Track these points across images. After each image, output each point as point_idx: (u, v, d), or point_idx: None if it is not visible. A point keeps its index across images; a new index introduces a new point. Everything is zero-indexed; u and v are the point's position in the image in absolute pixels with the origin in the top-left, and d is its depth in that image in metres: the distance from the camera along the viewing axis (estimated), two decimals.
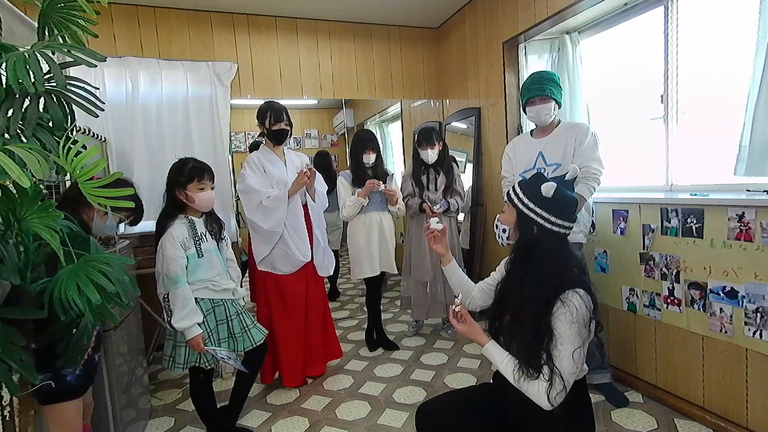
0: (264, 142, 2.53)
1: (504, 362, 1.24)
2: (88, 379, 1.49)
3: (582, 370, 1.26)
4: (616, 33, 2.53)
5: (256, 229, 2.39)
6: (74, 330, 1.11)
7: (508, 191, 1.35)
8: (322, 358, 2.64)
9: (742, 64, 1.81)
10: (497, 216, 1.42)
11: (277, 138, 2.46)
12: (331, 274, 2.71)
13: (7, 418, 1.09)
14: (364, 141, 2.84)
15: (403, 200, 2.96)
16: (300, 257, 2.41)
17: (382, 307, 3.18)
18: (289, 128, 2.49)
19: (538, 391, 1.16)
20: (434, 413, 1.40)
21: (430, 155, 2.87)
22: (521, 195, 1.30)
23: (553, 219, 1.25)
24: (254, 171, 2.41)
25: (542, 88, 2.12)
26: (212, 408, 2.00)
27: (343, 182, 2.86)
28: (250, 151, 2.65)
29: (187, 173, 1.82)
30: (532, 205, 1.26)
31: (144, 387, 2.26)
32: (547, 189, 1.24)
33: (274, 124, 2.43)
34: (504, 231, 1.37)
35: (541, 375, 1.17)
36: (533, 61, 2.97)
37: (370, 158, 2.81)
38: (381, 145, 5.87)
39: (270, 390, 2.52)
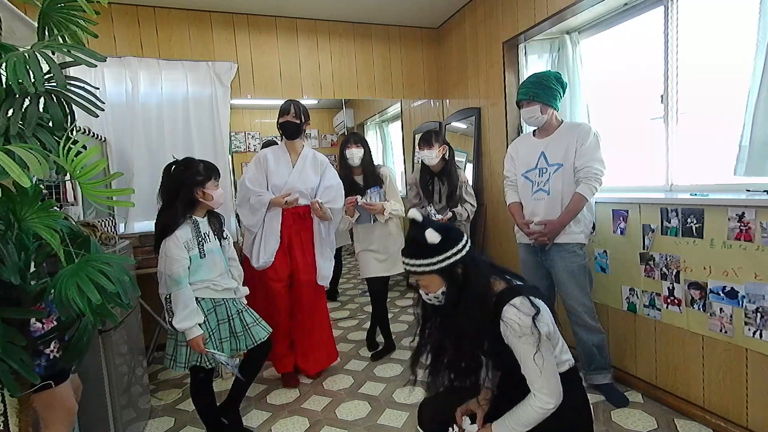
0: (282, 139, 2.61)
1: (522, 420, 1.20)
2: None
3: (563, 361, 1.26)
4: (616, 33, 2.53)
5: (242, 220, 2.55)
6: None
7: (410, 271, 1.25)
8: (315, 357, 2.64)
9: (742, 64, 1.81)
10: (420, 294, 1.30)
11: (284, 131, 2.50)
12: (325, 284, 2.68)
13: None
14: (347, 137, 2.79)
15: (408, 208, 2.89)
16: (253, 261, 2.46)
17: None
18: (297, 121, 2.48)
19: (533, 408, 1.17)
20: (435, 407, 1.43)
21: (427, 156, 2.73)
22: (427, 260, 1.20)
23: (461, 245, 1.22)
24: (256, 167, 2.51)
25: (526, 92, 2.14)
26: (212, 407, 2.00)
27: None
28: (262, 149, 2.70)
29: (204, 172, 1.84)
30: (443, 256, 1.20)
31: (144, 387, 2.26)
32: (432, 236, 1.18)
33: (279, 117, 2.49)
34: (443, 293, 1.25)
35: (531, 393, 1.18)
36: (533, 61, 2.96)
37: (352, 153, 2.69)
38: (381, 146, 5.92)
39: (270, 390, 2.52)
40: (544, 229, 2.12)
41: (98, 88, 1.39)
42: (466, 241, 1.25)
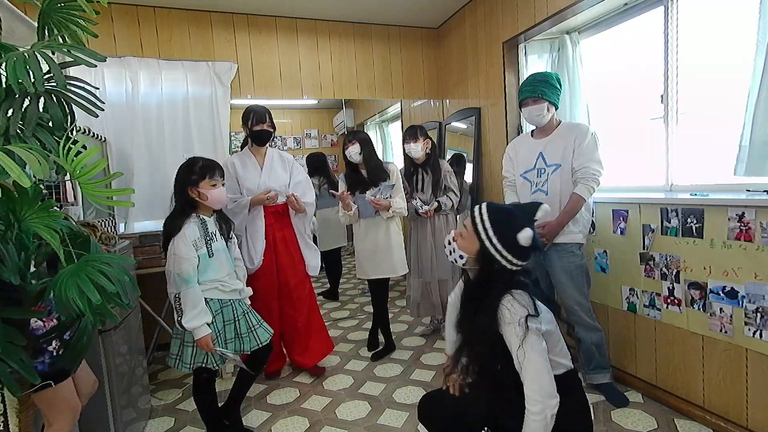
0: (248, 144, 2.59)
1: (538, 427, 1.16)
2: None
3: (562, 364, 1.27)
4: (616, 33, 2.52)
5: None
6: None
7: (473, 220, 1.27)
8: (312, 349, 2.66)
9: (742, 64, 1.81)
10: (452, 234, 1.32)
11: (258, 139, 2.52)
12: (317, 274, 2.71)
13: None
14: (347, 136, 2.81)
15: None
16: (246, 263, 2.44)
17: None
18: (272, 130, 2.53)
19: (531, 419, 1.14)
20: (435, 403, 1.46)
21: (413, 149, 2.84)
22: (490, 232, 1.22)
23: (516, 261, 1.23)
24: (227, 175, 2.48)
25: (533, 90, 2.13)
26: (214, 407, 2.00)
27: (340, 185, 2.84)
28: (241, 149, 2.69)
29: (198, 171, 1.84)
30: (500, 246, 1.21)
31: (144, 387, 2.26)
32: (526, 239, 1.18)
33: (255, 125, 2.49)
34: (461, 257, 1.28)
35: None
36: (533, 61, 2.96)
37: (350, 151, 2.71)
38: (381, 146, 5.92)
39: (270, 390, 2.52)
40: (543, 231, 2.12)
41: (98, 88, 1.39)
42: (520, 265, 1.23)
